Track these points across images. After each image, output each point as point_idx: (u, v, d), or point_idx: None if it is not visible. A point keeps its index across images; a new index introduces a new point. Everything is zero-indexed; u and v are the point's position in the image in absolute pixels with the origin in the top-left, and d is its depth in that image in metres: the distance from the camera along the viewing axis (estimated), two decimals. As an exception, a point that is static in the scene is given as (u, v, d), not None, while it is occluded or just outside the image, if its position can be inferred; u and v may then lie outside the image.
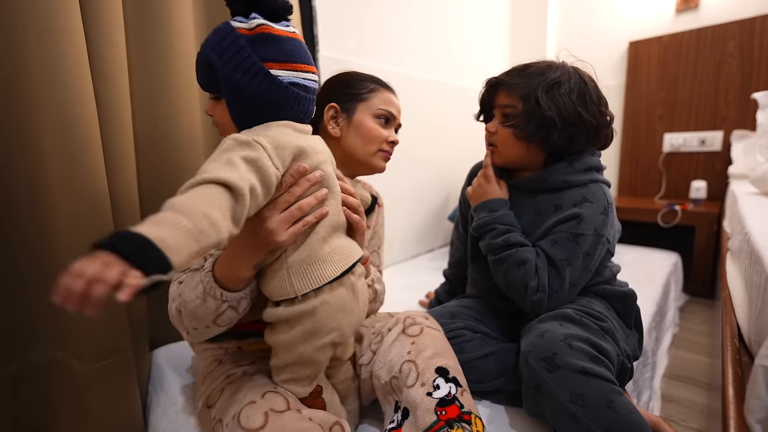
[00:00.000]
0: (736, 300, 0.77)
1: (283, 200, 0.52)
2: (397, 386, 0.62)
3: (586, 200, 0.74)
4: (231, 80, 0.51)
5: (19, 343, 0.74)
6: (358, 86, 0.76)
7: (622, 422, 0.56)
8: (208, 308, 0.56)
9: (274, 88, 0.52)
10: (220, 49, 0.51)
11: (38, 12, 0.65)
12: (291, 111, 0.55)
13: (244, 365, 0.68)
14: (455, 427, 0.55)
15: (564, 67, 0.76)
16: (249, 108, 0.53)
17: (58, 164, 0.69)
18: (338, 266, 0.56)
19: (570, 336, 0.63)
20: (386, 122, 0.77)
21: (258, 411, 0.52)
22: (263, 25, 0.52)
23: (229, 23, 0.53)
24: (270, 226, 0.51)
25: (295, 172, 0.53)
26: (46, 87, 0.67)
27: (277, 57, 0.52)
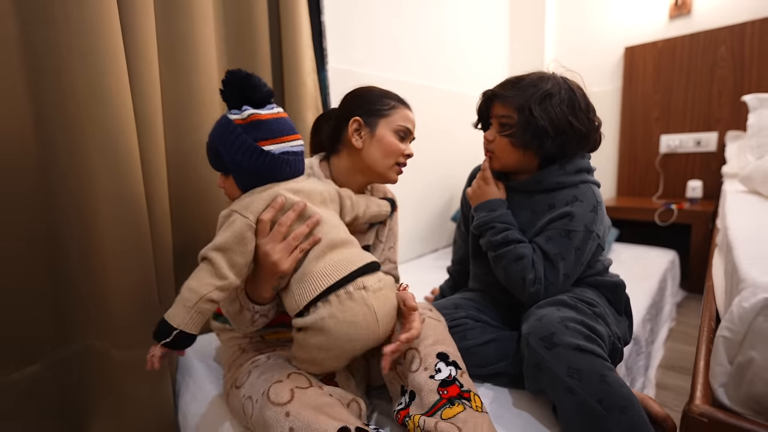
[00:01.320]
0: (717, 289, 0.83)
1: (276, 232, 0.64)
2: (402, 372, 0.69)
3: (577, 199, 0.81)
4: (234, 161, 0.65)
5: (63, 334, 0.83)
6: (380, 102, 0.82)
7: (615, 394, 0.62)
8: (244, 317, 0.69)
9: (268, 160, 0.66)
10: (222, 139, 0.66)
11: (85, 33, 0.73)
12: (285, 173, 0.68)
13: (266, 352, 0.76)
14: (456, 404, 0.62)
15: (554, 78, 0.82)
16: (251, 178, 0.67)
17: (102, 173, 0.77)
18: (331, 278, 0.62)
19: (566, 318, 0.70)
20: (403, 137, 0.83)
21: (285, 388, 0.60)
22: (253, 114, 0.65)
23: (227, 117, 0.66)
24: (273, 258, 0.62)
25: (273, 207, 0.65)
26: (91, 103, 0.75)
27: (267, 136, 0.66)
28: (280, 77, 1.20)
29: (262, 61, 1.11)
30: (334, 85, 1.38)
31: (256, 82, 0.66)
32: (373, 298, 0.64)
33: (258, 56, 1.11)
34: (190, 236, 1.02)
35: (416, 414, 0.62)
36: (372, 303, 0.63)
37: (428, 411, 0.62)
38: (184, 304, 0.59)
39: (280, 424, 0.56)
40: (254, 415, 0.61)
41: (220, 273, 0.61)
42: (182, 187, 0.98)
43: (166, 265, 0.92)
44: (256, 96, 0.66)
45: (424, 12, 1.83)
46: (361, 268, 0.65)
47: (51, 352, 0.81)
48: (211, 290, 0.60)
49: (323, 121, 0.91)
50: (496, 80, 0.88)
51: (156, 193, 0.88)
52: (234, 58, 1.09)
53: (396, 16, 1.68)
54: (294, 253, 0.64)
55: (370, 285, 0.64)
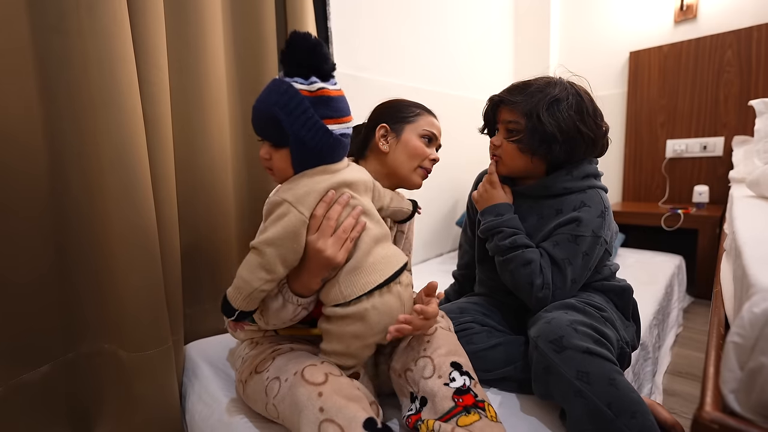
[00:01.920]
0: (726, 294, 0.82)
1: (326, 227, 0.63)
2: (412, 378, 0.69)
3: (585, 205, 0.81)
4: (298, 136, 0.61)
5: (72, 335, 0.83)
6: (406, 111, 0.85)
7: (624, 398, 0.62)
8: (287, 312, 0.68)
9: (331, 140, 0.64)
10: (288, 109, 0.60)
11: (98, 42, 0.75)
12: (339, 155, 0.67)
13: (285, 343, 0.76)
14: (472, 412, 0.61)
15: (562, 83, 0.82)
16: (309, 156, 0.64)
17: (112, 177, 0.78)
18: (382, 274, 0.66)
19: (575, 322, 0.70)
20: (429, 141, 0.86)
21: (320, 371, 0.61)
22: (323, 89, 0.62)
23: (293, 86, 0.61)
24: (327, 253, 0.63)
25: (325, 201, 0.64)
26: (102, 109, 0.77)
27: (333, 114, 0.63)
28: (287, 82, 1.21)
29: (269, 66, 1.12)
30: (340, 90, 1.39)
31: (325, 52, 0.61)
32: (405, 292, 0.69)
33: (265, 62, 1.12)
34: (198, 238, 1.03)
35: (430, 418, 0.62)
36: (404, 297, 0.69)
37: (443, 416, 0.62)
38: (240, 291, 0.62)
39: (312, 402, 0.57)
40: (281, 393, 0.62)
41: (270, 268, 0.62)
42: (190, 190, 0.99)
43: (174, 267, 0.93)
44: (324, 67, 0.62)
45: (430, 17, 1.84)
46: (403, 266, 0.69)
47: (61, 354, 0.82)
48: (262, 283, 0.62)
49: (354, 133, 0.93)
50: (501, 85, 0.88)
51: (164, 195, 0.89)
52: (241, 63, 1.10)
53: (401, 22, 1.69)
54: (346, 244, 0.64)
55: (403, 281, 0.69)
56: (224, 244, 1.07)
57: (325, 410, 0.55)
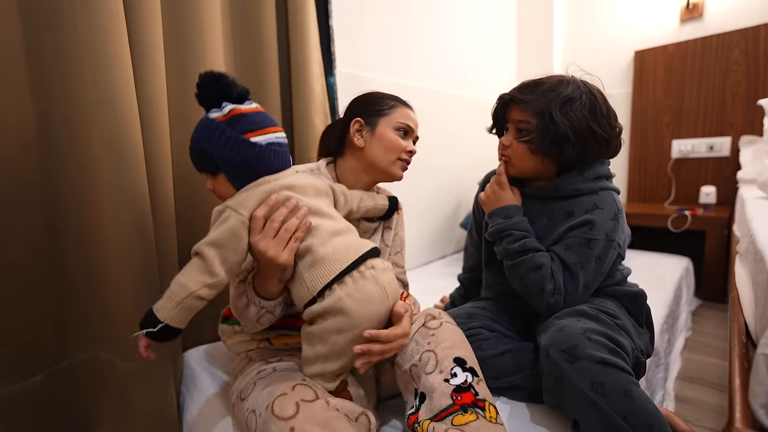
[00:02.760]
0: (744, 299, 0.79)
1: (269, 228, 0.63)
2: (417, 374, 0.67)
3: (598, 207, 0.78)
4: (222, 156, 0.64)
5: (66, 344, 0.80)
6: (380, 103, 0.84)
7: (641, 410, 0.59)
8: (250, 313, 0.68)
9: (257, 151, 0.64)
10: (207, 136, 0.64)
11: (93, 39, 0.72)
12: (274, 164, 0.67)
13: (273, 362, 0.74)
14: (469, 412, 0.59)
15: (575, 82, 0.79)
16: (242, 171, 0.65)
17: (108, 178, 0.76)
18: (344, 261, 0.64)
19: (588, 330, 0.67)
20: (405, 134, 0.84)
21: (290, 401, 0.57)
22: (234, 109, 0.65)
23: (207, 116, 0.65)
24: (269, 254, 0.62)
25: (267, 203, 0.64)
26: (98, 108, 0.74)
27: (251, 127, 0.65)
28: (287, 81, 1.19)
29: (269, 65, 1.10)
30: (342, 90, 1.37)
31: (230, 80, 0.65)
32: (382, 276, 0.66)
33: (266, 60, 1.09)
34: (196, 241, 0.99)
35: (425, 419, 0.60)
36: (382, 281, 0.66)
37: (437, 415, 0.60)
38: (172, 298, 0.58)
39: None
40: (258, 430, 0.58)
41: (211, 270, 0.60)
42: (188, 190, 0.97)
43: (171, 271, 0.90)
44: (233, 92, 0.65)
45: (433, 16, 1.82)
46: (369, 251, 0.67)
47: (53, 363, 0.79)
48: (200, 287, 0.59)
49: (331, 129, 0.94)
50: (504, 85, 0.86)
51: (161, 197, 0.86)
52: (242, 62, 1.08)
53: (404, 21, 1.66)
54: (289, 243, 0.63)
55: (377, 265, 0.67)
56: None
57: None
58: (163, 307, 0.58)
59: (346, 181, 0.84)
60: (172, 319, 0.58)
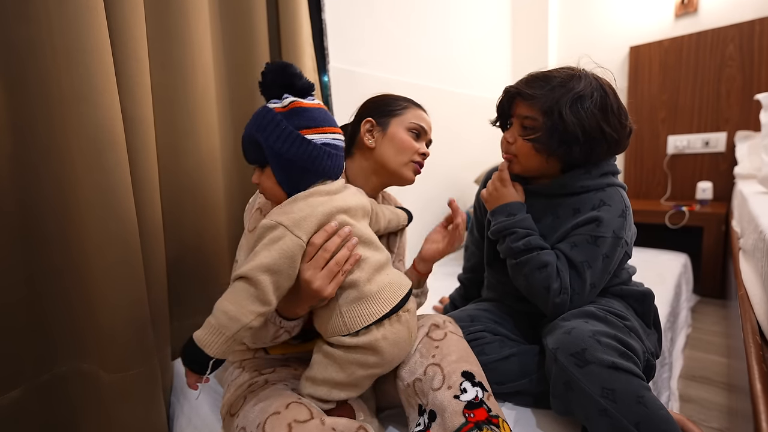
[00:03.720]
0: (753, 298, 0.77)
1: (320, 257, 0.59)
2: (421, 389, 0.63)
3: (605, 204, 0.75)
4: (273, 149, 0.60)
5: (47, 356, 0.76)
6: (393, 104, 0.81)
7: (654, 417, 0.57)
8: (267, 332, 0.64)
9: (310, 148, 0.61)
10: (262, 126, 0.61)
11: (69, 31, 0.67)
12: (326, 166, 0.63)
13: (266, 373, 0.70)
14: (484, 429, 0.56)
15: (587, 77, 0.75)
16: (292, 170, 0.61)
17: (88, 180, 0.71)
18: (388, 303, 0.62)
19: (597, 332, 0.64)
20: (418, 136, 0.80)
21: (282, 422, 0.54)
22: (294, 101, 0.62)
23: (266, 106, 0.62)
24: (314, 285, 0.58)
25: (326, 230, 0.60)
26: (75, 105, 0.69)
27: (309, 124, 0.61)
28: (279, 78, 1.14)
29: (260, 59, 1.06)
30: (335, 86, 1.33)
31: (295, 70, 0.62)
32: (413, 320, 0.67)
33: (256, 55, 1.05)
34: (185, 248, 0.95)
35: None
36: (412, 325, 0.67)
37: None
38: (222, 332, 0.51)
39: None
40: None
41: (264, 298, 0.54)
42: (176, 195, 0.92)
43: (159, 279, 0.86)
44: (296, 84, 0.62)
45: (428, 12, 1.78)
46: (408, 292, 0.66)
47: (33, 376, 0.74)
48: (253, 318, 0.53)
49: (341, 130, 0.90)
50: (500, 80, 0.82)
51: (147, 201, 0.82)
52: (231, 56, 1.03)
53: (398, 16, 1.63)
54: (337, 277, 0.60)
55: (411, 308, 0.67)
56: (214, 253, 0.99)
57: None
58: (212, 342, 0.51)
59: (355, 183, 0.80)
60: (222, 354, 0.52)
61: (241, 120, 1.06)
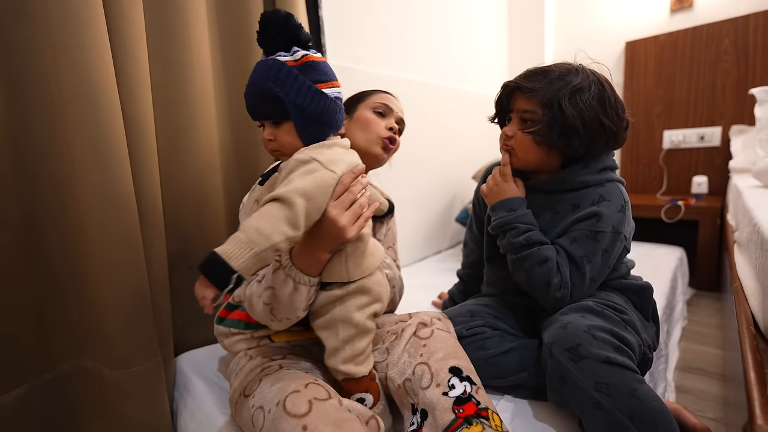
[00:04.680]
0: (748, 290, 0.79)
1: (346, 198, 0.61)
2: (411, 389, 0.64)
3: (604, 199, 0.76)
4: (296, 103, 0.61)
5: (51, 354, 0.76)
6: (361, 94, 0.87)
7: (647, 409, 0.58)
8: (301, 296, 0.63)
9: (328, 103, 0.63)
10: (280, 81, 0.60)
11: (67, 29, 0.67)
12: (338, 119, 0.66)
13: (277, 359, 0.71)
14: (474, 423, 0.56)
15: (584, 71, 0.76)
16: (312, 124, 0.63)
17: (88, 178, 0.71)
18: (377, 259, 0.69)
19: (593, 327, 0.65)
20: (383, 115, 0.84)
21: (302, 399, 0.55)
22: (307, 55, 0.62)
23: (276, 59, 0.61)
24: (340, 223, 0.60)
25: (354, 171, 0.63)
26: (74, 103, 0.69)
27: (322, 78, 0.63)
28: (277, 75, 1.14)
29: (257, 56, 1.05)
30: (334, 83, 1.33)
31: (297, 22, 0.62)
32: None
33: (253, 51, 1.05)
34: (186, 244, 0.96)
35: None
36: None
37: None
38: (251, 247, 0.50)
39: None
40: (265, 428, 0.56)
41: (296, 222, 0.54)
42: (177, 192, 0.92)
43: (160, 275, 0.86)
44: (302, 37, 0.62)
45: (425, 8, 1.78)
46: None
47: (37, 374, 0.74)
48: (282, 239, 0.52)
49: None
50: (497, 76, 0.83)
51: (148, 199, 0.82)
52: (228, 53, 1.03)
53: (395, 12, 1.63)
54: (359, 221, 0.62)
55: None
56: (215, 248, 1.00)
57: None
58: (239, 256, 0.50)
59: None
60: (246, 270, 0.50)
61: (238, 117, 1.06)
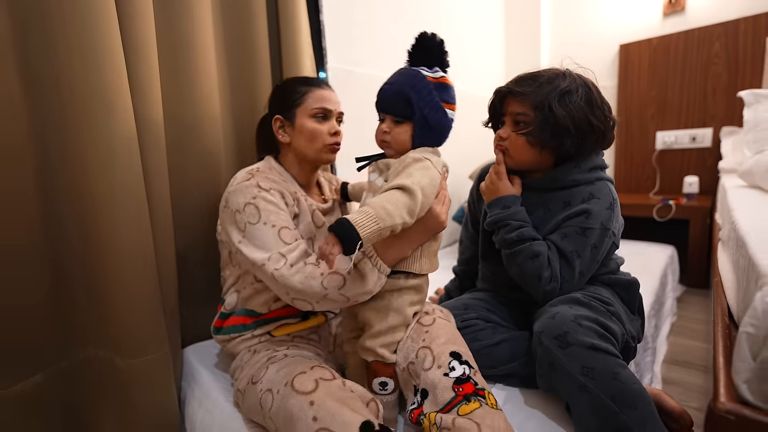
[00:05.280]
0: (726, 284, 0.83)
1: (442, 195, 0.74)
2: (414, 371, 0.68)
3: (594, 197, 0.80)
4: (424, 113, 0.71)
5: (66, 343, 0.80)
6: (293, 93, 0.84)
7: (627, 391, 0.63)
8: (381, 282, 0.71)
9: (446, 121, 0.74)
10: (417, 89, 0.71)
11: (83, 32, 0.71)
12: (444, 136, 0.77)
13: (281, 350, 0.76)
14: (472, 401, 0.61)
15: (570, 75, 0.80)
16: (429, 133, 0.73)
17: (101, 176, 0.75)
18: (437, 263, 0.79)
19: (579, 317, 0.69)
20: (324, 118, 0.85)
21: (309, 378, 0.61)
22: (444, 77, 0.74)
23: (420, 71, 0.73)
24: (441, 217, 0.72)
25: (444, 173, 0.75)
26: (90, 103, 0.73)
27: (449, 100, 0.75)
28: (279, 77, 1.18)
29: (261, 60, 1.10)
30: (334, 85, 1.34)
31: (446, 49, 0.75)
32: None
33: (257, 56, 1.09)
34: (193, 238, 1.00)
35: (431, 411, 0.62)
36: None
37: (444, 408, 0.61)
38: (377, 222, 0.58)
39: (305, 412, 0.56)
40: (274, 407, 0.61)
41: (413, 211, 0.63)
42: (184, 189, 0.96)
43: (169, 268, 0.90)
44: (445, 61, 0.75)
45: (423, 12, 1.82)
46: None
47: (54, 363, 0.78)
48: (401, 223, 0.61)
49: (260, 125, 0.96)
50: (494, 79, 0.87)
51: (157, 196, 0.86)
52: (233, 58, 1.07)
53: (393, 16, 1.66)
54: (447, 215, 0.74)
55: None
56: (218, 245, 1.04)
57: (319, 419, 0.55)
58: (367, 226, 0.57)
59: (293, 174, 0.88)
60: (368, 239, 0.58)
61: (242, 116, 1.10)
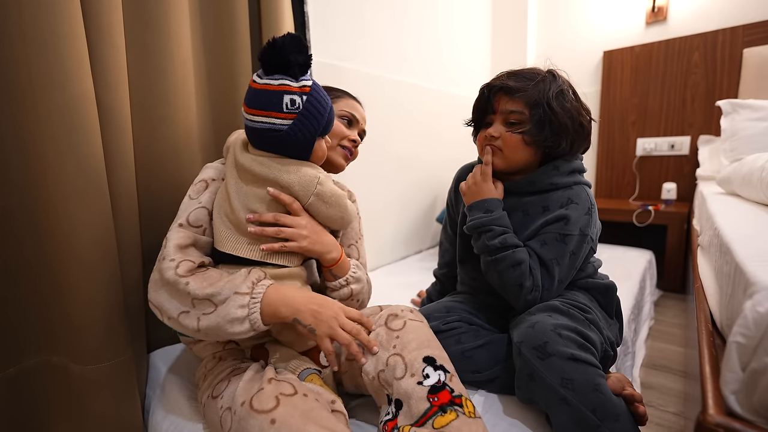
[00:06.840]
0: (708, 290, 0.83)
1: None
2: (386, 380, 0.64)
3: (572, 202, 0.78)
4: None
5: (14, 348, 0.74)
6: (330, 91, 0.84)
7: (608, 403, 0.61)
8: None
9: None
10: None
11: (41, 15, 0.65)
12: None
13: (246, 361, 0.71)
14: (448, 411, 0.58)
15: (558, 75, 0.79)
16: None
17: (59, 168, 0.69)
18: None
19: (559, 326, 0.67)
20: (349, 123, 0.84)
21: (269, 395, 0.56)
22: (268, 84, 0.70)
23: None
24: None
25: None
26: (48, 91, 0.67)
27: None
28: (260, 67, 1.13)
29: (241, 49, 1.04)
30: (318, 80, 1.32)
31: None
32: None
33: (237, 44, 1.04)
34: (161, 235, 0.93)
35: (405, 425, 0.58)
36: None
37: (418, 420, 0.58)
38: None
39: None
40: (233, 428, 0.56)
41: None
42: (153, 185, 0.90)
43: (133, 266, 0.84)
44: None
45: (411, 9, 1.80)
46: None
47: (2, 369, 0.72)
48: None
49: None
50: (479, 82, 0.83)
51: (122, 190, 0.80)
52: (211, 45, 1.02)
53: (381, 12, 1.63)
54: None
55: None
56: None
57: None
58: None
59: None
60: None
61: (220, 109, 1.04)
